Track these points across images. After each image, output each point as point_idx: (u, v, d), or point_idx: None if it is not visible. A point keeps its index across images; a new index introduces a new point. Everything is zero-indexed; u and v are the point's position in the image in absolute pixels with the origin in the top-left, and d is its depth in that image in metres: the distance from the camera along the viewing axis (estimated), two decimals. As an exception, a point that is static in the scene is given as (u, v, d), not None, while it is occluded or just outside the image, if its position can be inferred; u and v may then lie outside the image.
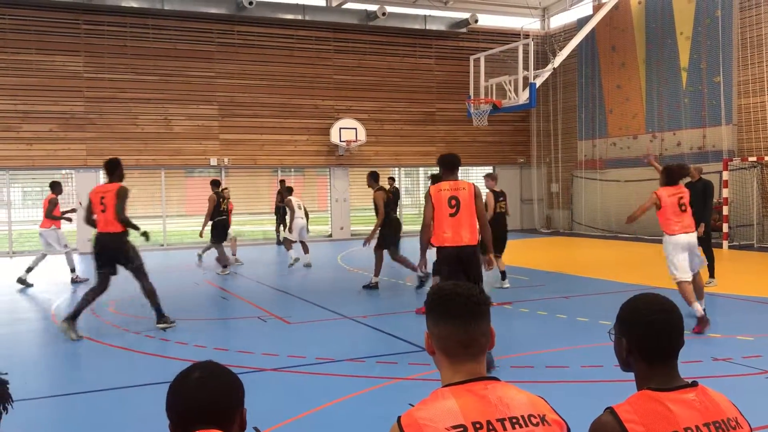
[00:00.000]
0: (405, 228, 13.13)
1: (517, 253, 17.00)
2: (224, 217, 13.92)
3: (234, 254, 15.15)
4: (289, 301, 10.72)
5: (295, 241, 14.41)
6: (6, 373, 1.71)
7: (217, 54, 20.23)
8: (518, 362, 6.50)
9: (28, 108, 18.29)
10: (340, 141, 21.02)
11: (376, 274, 11.51)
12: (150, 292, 8.35)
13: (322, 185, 22.72)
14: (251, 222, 23.01)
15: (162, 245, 20.06)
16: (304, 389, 6.00)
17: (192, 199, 21.43)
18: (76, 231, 19.20)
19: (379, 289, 11.38)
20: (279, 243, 20.11)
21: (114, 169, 8.28)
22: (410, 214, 24.58)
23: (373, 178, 11.45)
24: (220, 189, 14.54)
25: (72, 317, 7.93)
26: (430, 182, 10.53)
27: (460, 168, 6.82)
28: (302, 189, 22.25)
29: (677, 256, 8.00)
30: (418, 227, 7.30)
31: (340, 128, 21.09)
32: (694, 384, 1.98)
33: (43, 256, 12.71)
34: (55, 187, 12.69)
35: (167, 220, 20.35)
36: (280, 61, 20.89)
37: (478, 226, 6.65)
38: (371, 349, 7.32)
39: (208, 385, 1.79)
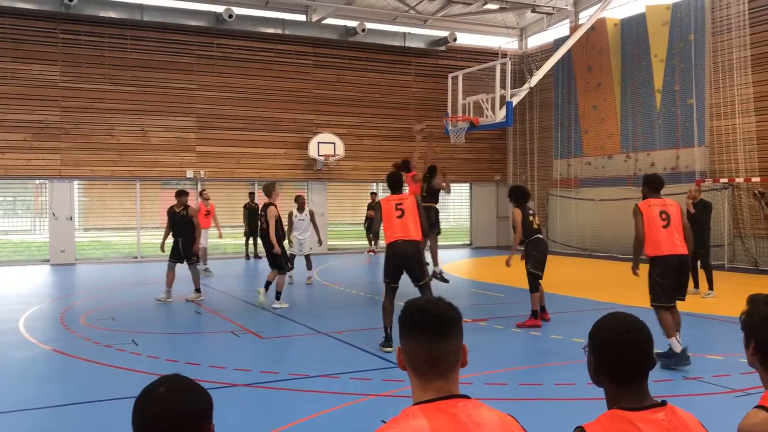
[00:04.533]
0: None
1: (493, 270, 17.09)
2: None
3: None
4: (263, 316, 10.64)
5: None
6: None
7: (197, 66, 20.16)
8: (492, 379, 6.51)
9: (1, 116, 18.04)
10: (318, 155, 21.02)
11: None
12: None
13: (299, 199, 22.68)
14: (227, 236, 22.83)
15: (136, 257, 19.84)
16: (276, 405, 5.96)
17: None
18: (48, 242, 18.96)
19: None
20: (257, 257, 20.02)
21: None
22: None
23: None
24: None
25: None
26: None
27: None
28: (279, 202, 22.14)
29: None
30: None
31: (319, 142, 21.09)
32: (663, 403, 2.00)
33: None
34: None
35: (141, 233, 20.16)
36: (259, 74, 20.88)
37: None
38: (345, 365, 7.29)
39: (174, 399, 1.74)
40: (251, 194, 20.33)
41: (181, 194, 12.11)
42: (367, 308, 11.63)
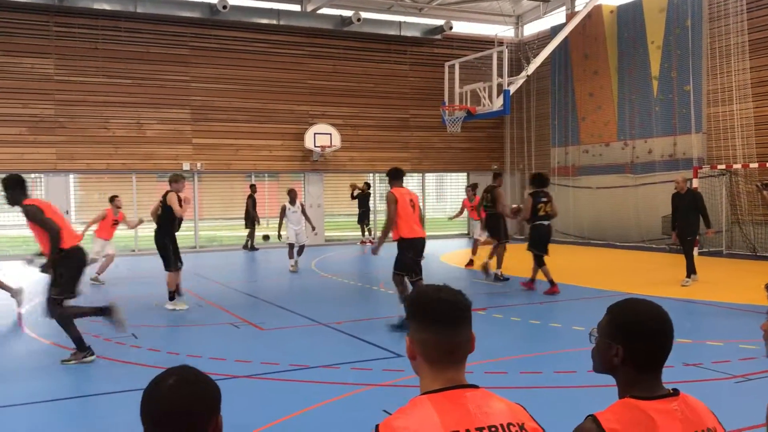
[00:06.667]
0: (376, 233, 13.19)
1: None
2: None
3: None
4: (262, 308, 10.64)
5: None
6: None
7: (192, 58, 20.06)
8: (492, 368, 6.51)
9: (-4, 111, 17.96)
10: (315, 146, 20.95)
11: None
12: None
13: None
14: (226, 227, 22.84)
15: (133, 251, 19.80)
16: (277, 396, 5.95)
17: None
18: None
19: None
20: (254, 248, 20.10)
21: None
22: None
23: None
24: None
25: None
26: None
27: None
28: (276, 194, 22.15)
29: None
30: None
31: (315, 133, 21.03)
32: (676, 392, 1.98)
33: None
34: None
35: (138, 226, 20.06)
36: (254, 65, 20.79)
37: None
38: (345, 356, 7.29)
39: (183, 391, 1.74)
40: (252, 186, 20.31)
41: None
42: (364, 298, 11.64)
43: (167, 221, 10.23)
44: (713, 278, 12.57)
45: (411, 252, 8.44)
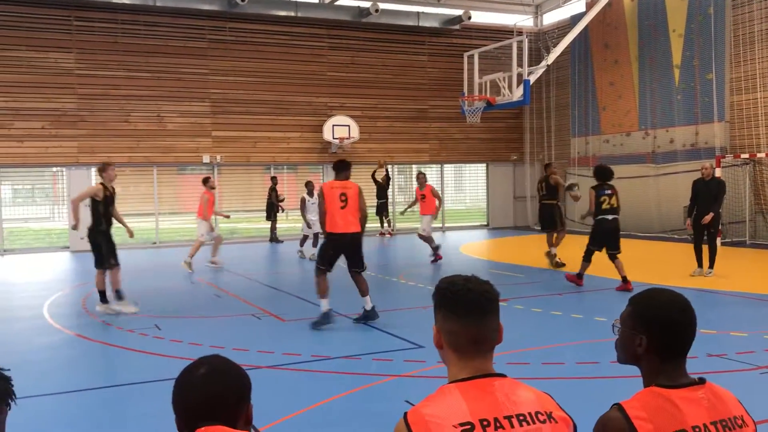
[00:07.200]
0: (399, 225, 13.26)
1: (512, 250, 17.05)
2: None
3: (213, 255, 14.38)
4: (283, 299, 10.70)
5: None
6: (8, 369, 1.70)
7: (210, 51, 20.13)
8: (514, 359, 6.50)
9: (19, 105, 18.14)
10: (333, 138, 20.97)
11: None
12: None
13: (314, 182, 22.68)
14: (245, 219, 22.98)
15: (154, 243, 19.97)
16: (300, 387, 5.99)
17: (184, 196, 21.37)
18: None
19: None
20: (278, 240, 20.20)
21: None
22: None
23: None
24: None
25: None
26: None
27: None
28: (295, 186, 22.21)
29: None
30: (412, 224, 8.10)
31: (333, 125, 21.04)
32: (702, 381, 1.97)
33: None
34: None
35: (160, 218, 20.27)
36: (273, 58, 20.82)
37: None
38: (366, 347, 7.32)
39: (214, 380, 1.77)
40: (273, 178, 20.39)
41: None
42: (384, 289, 11.64)
43: (99, 216, 9.34)
44: (737, 268, 12.42)
45: (331, 247, 8.47)
